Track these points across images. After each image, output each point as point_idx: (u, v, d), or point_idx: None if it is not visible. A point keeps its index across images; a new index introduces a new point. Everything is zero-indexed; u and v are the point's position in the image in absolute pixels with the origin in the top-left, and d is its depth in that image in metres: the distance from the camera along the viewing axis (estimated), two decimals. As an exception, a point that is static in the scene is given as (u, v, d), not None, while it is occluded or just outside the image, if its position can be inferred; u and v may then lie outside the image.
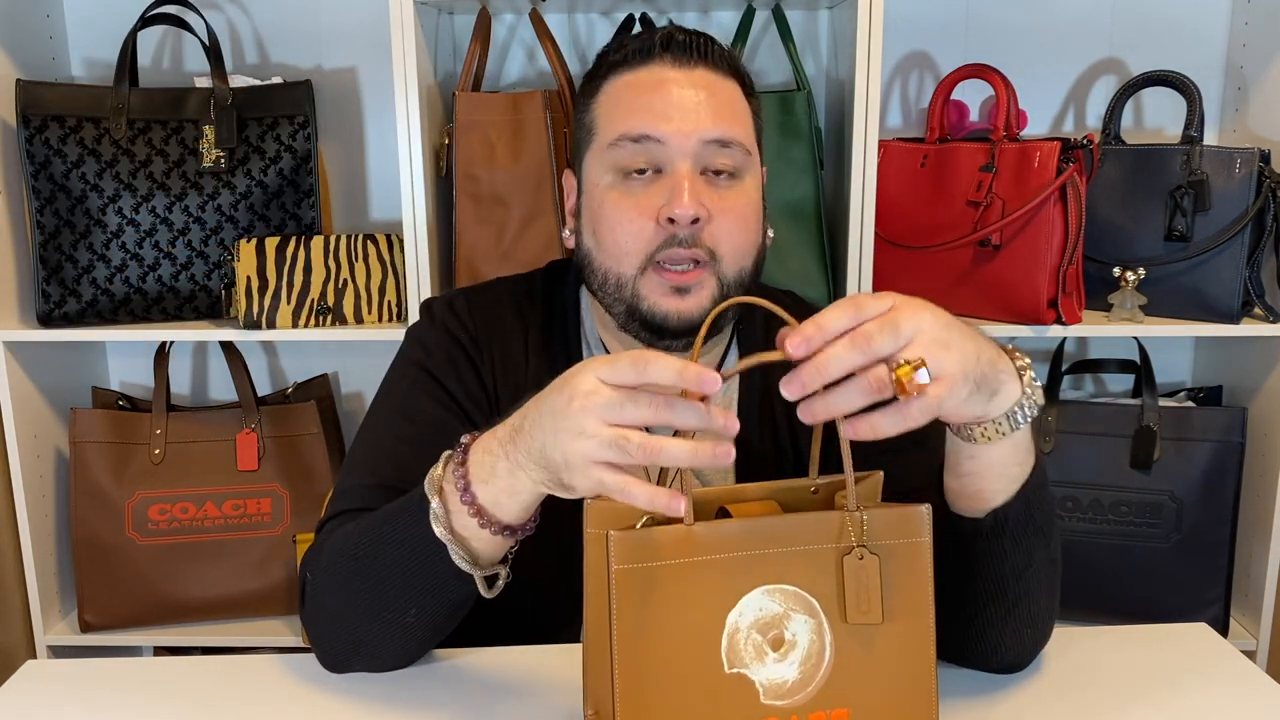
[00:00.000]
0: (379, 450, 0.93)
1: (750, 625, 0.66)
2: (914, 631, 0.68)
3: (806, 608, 0.66)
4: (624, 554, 0.64)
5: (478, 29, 1.58)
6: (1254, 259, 1.51)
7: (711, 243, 0.91)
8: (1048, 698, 0.82)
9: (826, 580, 0.66)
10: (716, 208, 0.91)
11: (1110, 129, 1.61)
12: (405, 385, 0.98)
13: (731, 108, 0.94)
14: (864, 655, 0.67)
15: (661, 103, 0.91)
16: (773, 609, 0.66)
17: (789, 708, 0.66)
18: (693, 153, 0.90)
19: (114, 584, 1.62)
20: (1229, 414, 1.58)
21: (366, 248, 1.58)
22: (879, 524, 0.67)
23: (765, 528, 0.66)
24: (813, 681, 0.66)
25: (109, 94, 1.53)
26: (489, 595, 0.80)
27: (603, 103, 0.96)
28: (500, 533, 0.77)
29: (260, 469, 1.64)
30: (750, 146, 0.94)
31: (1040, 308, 1.48)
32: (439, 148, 1.55)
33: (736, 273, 0.93)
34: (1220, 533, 1.58)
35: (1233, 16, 1.73)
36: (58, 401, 1.69)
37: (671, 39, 0.93)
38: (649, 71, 0.93)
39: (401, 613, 0.82)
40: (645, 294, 0.92)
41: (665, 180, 0.91)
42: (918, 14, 1.73)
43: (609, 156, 0.93)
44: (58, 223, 1.51)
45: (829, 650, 0.66)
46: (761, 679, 0.66)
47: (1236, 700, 0.82)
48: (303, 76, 1.64)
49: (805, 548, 0.66)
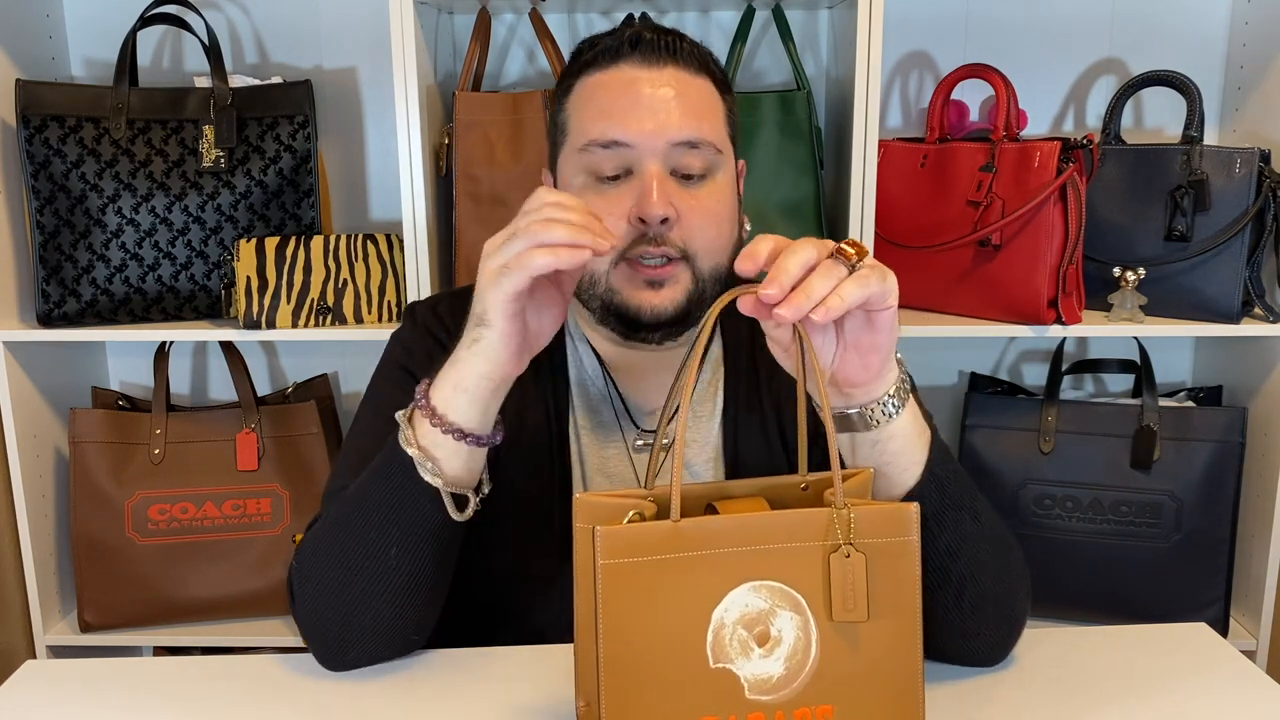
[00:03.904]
0: (364, 453, 0.94)
1: (736, 621, 0.66)
2: (901, 630, 0.68)
3: (792, 604, 0.66)
4: (610, 549, 0.64)
5: (478, 29, 1.58)
6: (1254, 259, 1.51)
7: (683, 241, 0.92)
8: (1048, 697, 0.82)
9: (813, 577, 0.67)
10: (686, 207, 0.92)
11: (1110, 129, 1.61)
12: (388, 387, 0.99)
13: (701, 106, 0.94)
14: (850, 652, 0.67)
15: (630, 105, 0.92)
16: (758, 605, 0.66)
17: (774, 703, 0.66)
18: (662, 154, 0.91)
19: (114, 584, 1.62)
20: (1229, 414, 1.59)
21: (366, 248, 1.58)
22: (866, 522, 0.67)
23: (752, 524, 0.66)
24: (799, 678, 0.67)
25: (109, 94, 1.53)
26: (459, 518, 0.83)
27: (574, 103, 0.97)
28: (461, 439, 0.80)
29: (260, 469, 1.64)
30: (721, 144, 0.95)
31: (1040, 308, 1.48)
32: (439, 148, 1.55)
33: (712, 269, 0.94)
34: (1220, 533, 1.58)
35: (1233, 16, 1.73)
36: (58, 401, 1.69)
37: (640, 38, 0.94)
38: (618, 71, 0.94)
39: (383, 557, 0.83)
40: (619, 287, 0.93)
41: (635, 181, 0.92)
42: (918, 14, 1.74)
43: (580, 160, 0.94)
44: (57, 223, 1.51)
45: (815, 647, 0.67)
46: (747, 674, 0.66)
47: (1236, 700, 0.82)
48: (303, 76, 1.64)
49: (792, 545, 0.66)
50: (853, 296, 0.69)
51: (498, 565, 0.96)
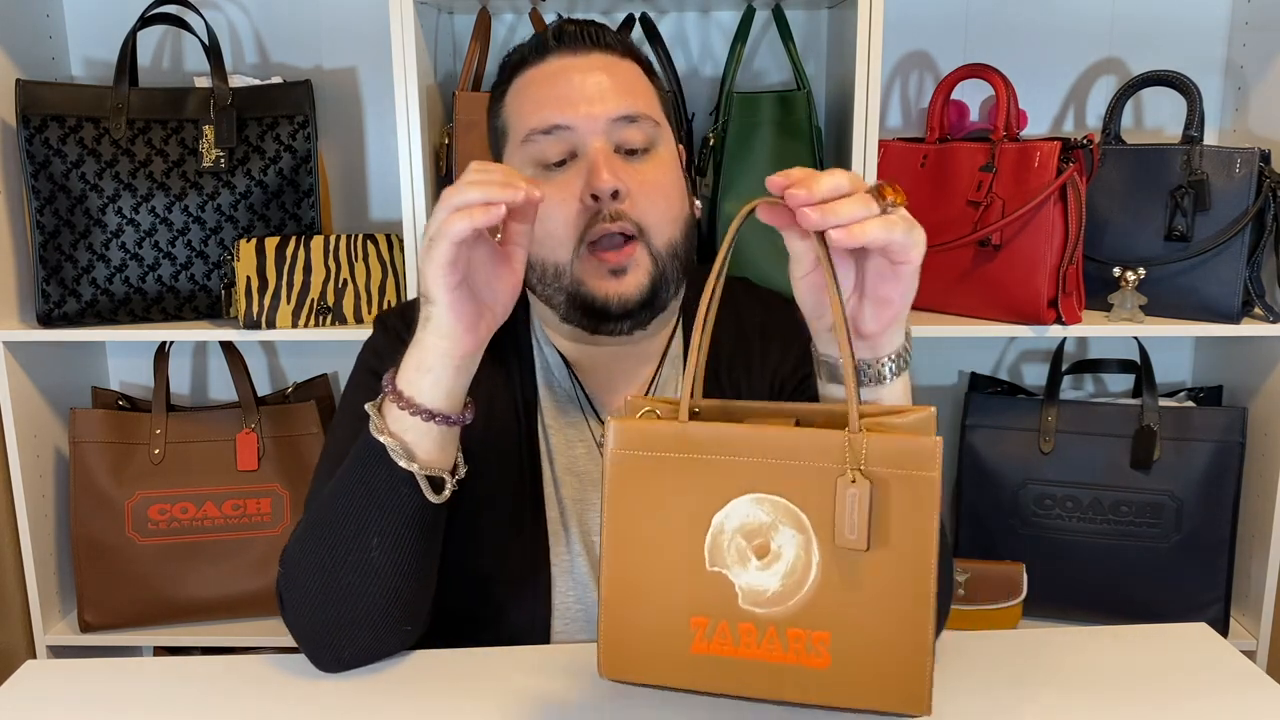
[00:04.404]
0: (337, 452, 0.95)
1: (736, 529, 0.66)
2: (909, 568, 0.65)
3: (795, 522, 0.66)
4: (622, 440, 0.68)
5: (478, 29, 1.58)
6: (1254, 259, 1.51)
7: (636, 216, 0.93)
8: (1047, 697, 0.82)
9: (820, 499, 0.65)
10: (634, 181, 0.93)
11: (1110, 129, 1.61)
12: (361, 391, 0.99)
13: (633, 85, 0.96)
14: (851, 583, 0.65)
15: (565, 90, 0.93)
16: (760, 517, 0.66)
17: (768, 617, 0.66)
18: (603, 131, 0.93)
19: (114, 584, 1.62)
20: (1229, 414, 1.59)
21: (366, 248, 1.58)
22: (883, 451, 0.64)
23: (765, 437, 0.66)
24: (794, 596, 0.66)
25: (109, 94, 1.53)
26: (436, 500, 0.84)
27: (510, 103, 0.98)
28: (430, 420, 0.81)
29: (260, 469, 1.64)
30: (658, 118, 0.97)
31: (1040, 308, 1.48)
32: (439, 148, 1.55)
33: (666, 243, 0.95)
34: (1220, 533, 1.58)
35: (1233, 16, 1.73)
36: (58, 401, 1.69)
37: (562, 30, 0.96)
38: (547, 64, 0.96)
39: (365, 548, 0.84)
40: (584, 278, 0.94)
41: (581, 162, 0.93)
42: (918, 14, 1.74)
43: (525, 152, 0.95)
44: (57, 223, 1.51)
45: (815, 570, 0.65)
46: (741, 583, 0.66)
47: (1236, 700, 0.82)
48: (303, 76, 1.64)
49: (801, 463, 0.65)
50: (874, 234, 0.67)
51: (470, 567, 0.97)
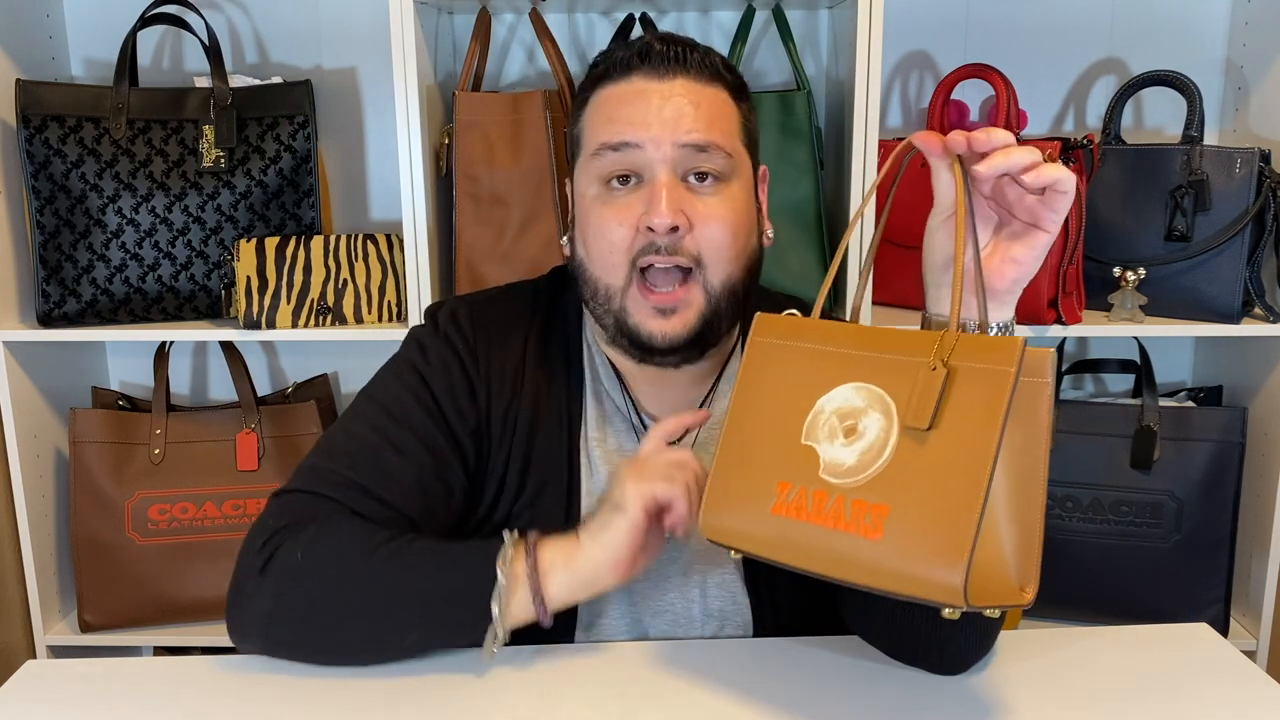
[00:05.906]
0: (362, 442, 0.95)
1: (834, 410, 0.75)
2: (970, 453, 0.68)
3: (884, 408, 0.72)
4: (762, 329, 0.81)
5: (478, 29, 1.58)
6: (1254, 259, 1.51)
7: (694, 249, 0.92)
8: (1047, 697, 0.82)
9: (908, 389, 0.71)
10: (698, 215, 0.91)
11: (1110, 129, 1.61)
12: (398, 385, 0.99)
13: (711, 113, 0.94)
14: (918, 463, 0.70)
15: (641, 111, 0.92)
16: (856, 403, 0.74)
17: (840, 486, 0.72)
18: (671, 159, 0.91)
19: (114, 584, 1.62)
20: (1229, 414, 1.59)
21: (366, 248, 1.58)
22: (969, 347, 0.70)
23: (874, 335, 0.75)
24: (866, 470, 0.71)
25: (109, 94, 1.53)
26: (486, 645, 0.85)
27: (588, 114, 0.97)
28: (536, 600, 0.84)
29: (260, 469, 1.64)
30: (733, 149, 0.94)
31: (1040, 308, 1.48)
32: (439, 148, 1.55)
33: (723, 279, 0.93)
34: (1220, 533, 1.58)
35: (1233, 16, 1.73)
36: (58, 401, 1.69)
37: (649, 50, 0.94)
38: (629, 84, 0.94)
39: (399, 633, 0.85)
40: (631, 311, 0.93)
41: (646, 189, 0.92)
42: (918, 14, 1.74)
43: (593, 166, 0.94)
44: (58, 223, 1.51)
45: (890, 450, 0.71)
46: (827, 456, 0.74)
47: (1236, 700, 0.82)
48: (303, 76, 1.64)
49: (899, 357, 0.73)
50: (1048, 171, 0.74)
51: None
